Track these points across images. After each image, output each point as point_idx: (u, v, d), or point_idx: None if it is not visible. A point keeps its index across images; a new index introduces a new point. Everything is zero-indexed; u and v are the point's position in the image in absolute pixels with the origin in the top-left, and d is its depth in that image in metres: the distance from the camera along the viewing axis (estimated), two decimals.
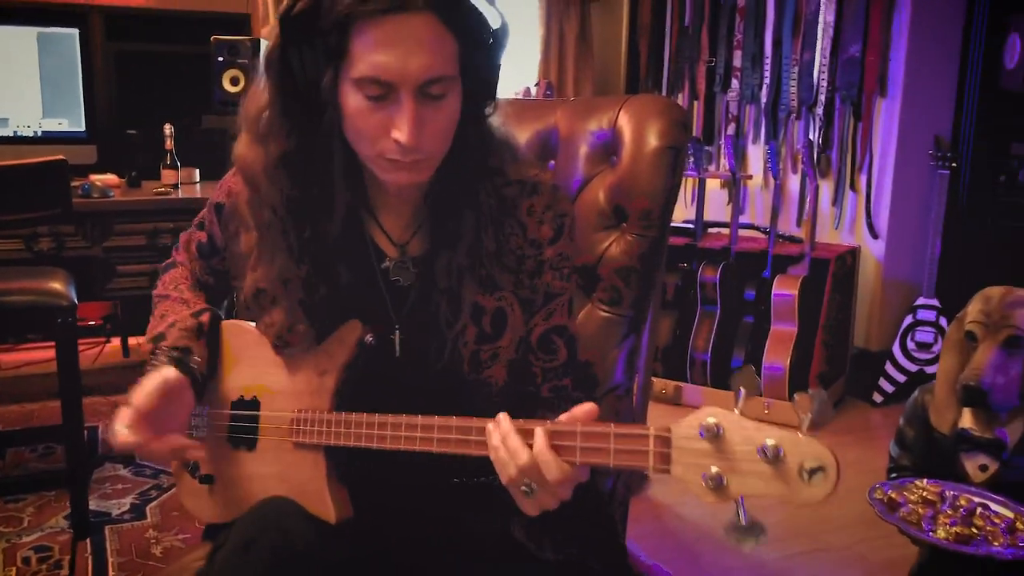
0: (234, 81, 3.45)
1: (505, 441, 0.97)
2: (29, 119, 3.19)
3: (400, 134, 1.03)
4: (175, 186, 3.21)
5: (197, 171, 3.40)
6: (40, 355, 3.73)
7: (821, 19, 3.76)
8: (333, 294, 1.17)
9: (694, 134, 4.26)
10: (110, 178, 3.14)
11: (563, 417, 0.97)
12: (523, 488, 0.97)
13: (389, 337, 1.20)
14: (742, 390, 0.86)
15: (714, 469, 0.84)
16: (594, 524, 1.23)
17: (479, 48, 1.07)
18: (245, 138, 1.15)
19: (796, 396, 0.83)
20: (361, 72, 1.01)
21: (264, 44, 3.50)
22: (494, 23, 1.07)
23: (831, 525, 2.56)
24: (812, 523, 2.56)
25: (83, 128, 3.26)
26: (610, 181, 1.62)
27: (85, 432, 2.61)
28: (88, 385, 2.68)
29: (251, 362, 1.25)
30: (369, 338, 1.15)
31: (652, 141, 1.59)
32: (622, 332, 1.60)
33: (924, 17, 3.53)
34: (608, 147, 1.65)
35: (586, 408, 0.97)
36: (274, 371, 1.21)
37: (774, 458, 0.81)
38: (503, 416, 0.98)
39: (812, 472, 0.80)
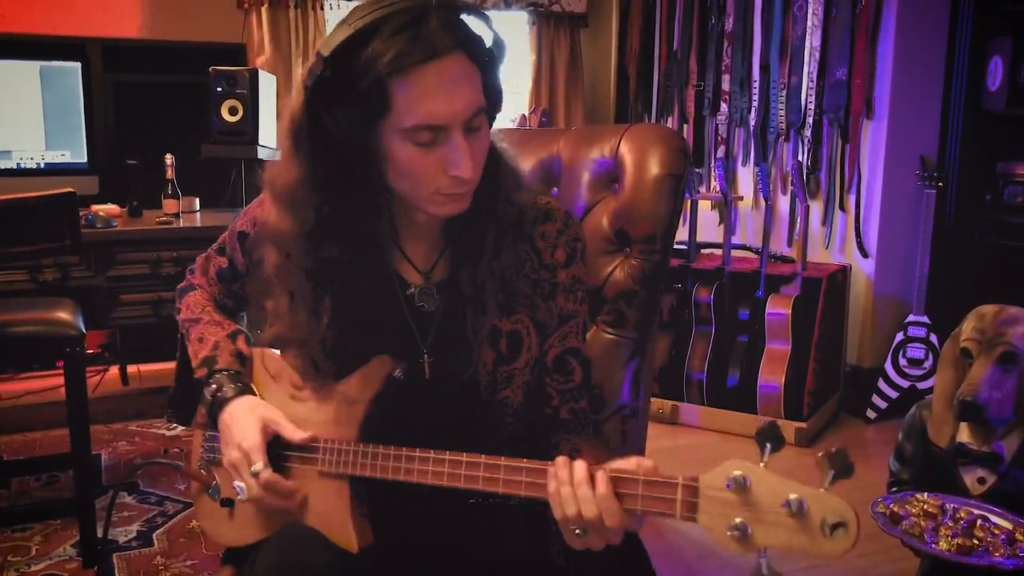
0: (232, 111, 3.50)
1: (577, 489, 0.97)
2: (32, 151, 3.23)
3: (460, 170, 1.07)
4: (176, 215, 3.24)
5: (197, 200, 3.43)
6: (41, 384, 3.74)
7: (807, 44, 3.84)
8: (362, 329, 1.20)
9: None
10: (112, 208, 3.17)
11: (629, 463, 0.97)
12: (577, 531, 0.98)
13: (418, 362, 1.23)
14: (768, 445, 0.88)
15: (739, 520, 0.86)
16: (626, 555, 1.25)
17: (493, 71, 1.12)
18: (276, 209, 1.16)
19: (819, 453, 0.85)
20: (412, 122, 1.04)
21: (263, 75, 3.56)
22: (488, 40, 1.10)
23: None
24: None
25: (85, 159, 3.30)
26: (613, 207, 1.67)
27: None
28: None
29: (277, 389, 1.28)
30: (398, 372, 1.17)
31: (653, 169, 1.64)
32: (627, 354, 1.65)
33: (908, 41, 3.61)
34: (610, 174, 1.70)
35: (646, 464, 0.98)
36: (300, 400, 1.24)
37: (798, 512, 0.83)
38: (579, 464, 0.98)
39: (834, 527, 0.82)
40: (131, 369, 4.02)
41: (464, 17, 1.08)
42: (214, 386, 1.26)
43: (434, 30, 1.02)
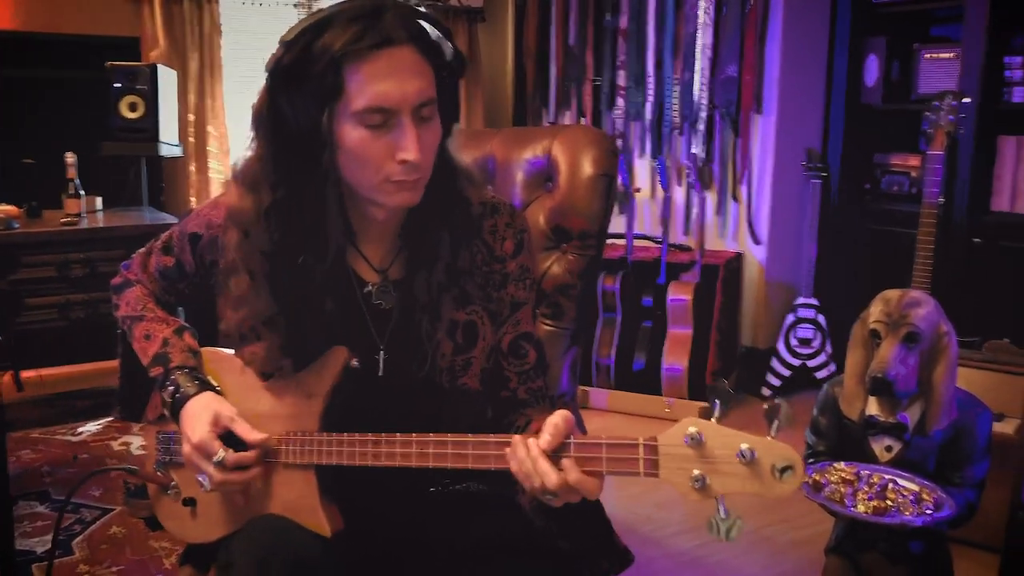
0: (132, 107, 3.41)
1: (535, 465, 1.03)
2: None
3: (407, 153, 1.13)
4: (79, 215, 3.14)
5: (99, 199, 3.33)
6: None
7: (699, 41, 4.01)
8: (317, 324, 1.24)
9: None
10: (9, 209, 3.05)
11: (548, 429, 1.04)
12: (549, 497, 1.05)
13: (373, 358, 1.28)
14: (717, 402, 0.99)
15: (697, 471, 0.95)
16: (589, 517, 1.34)
17: (446, 76, 1.19)
18: (235, 188, 1.22)
19: (765, 405, 0.96)
20: (362, 104, 1.10)
21: (161, 69, 3.48)
22: (448, 55, 1.18)
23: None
24: None
25: None
26: (549, 206, 1.76)
27: None
28: None
29: (233, 388, 1.30)
30: (354, 362, 1.22)
31: (587, 169, 1.73)
32: (565, 344, 1.73)
33: (793, 39, 3.83)
34: (544, 174, 1.78)
35: (563, 415, 1.05)
36: (257, 396, 1.27)
37: (750, 460, 0.93)
38: (532, 441, 1.04)
39: (783, 471, 0.93)
40: (30, 374, 3.86)
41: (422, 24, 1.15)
42: (172, 387, 1.27)
43: (388, 22, 1.10)
